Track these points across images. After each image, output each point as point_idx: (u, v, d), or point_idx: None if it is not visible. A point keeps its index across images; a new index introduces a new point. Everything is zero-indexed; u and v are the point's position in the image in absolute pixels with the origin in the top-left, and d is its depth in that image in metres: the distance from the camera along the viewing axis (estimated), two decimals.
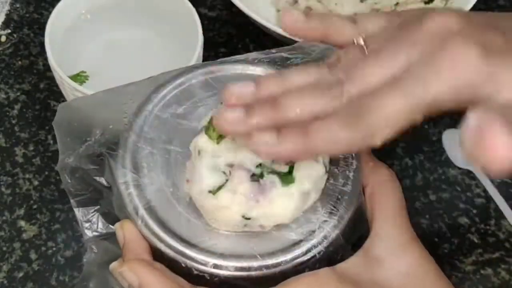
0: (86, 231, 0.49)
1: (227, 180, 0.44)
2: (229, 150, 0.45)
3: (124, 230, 0.45)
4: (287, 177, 0.44)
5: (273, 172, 0.44)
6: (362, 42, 0.43)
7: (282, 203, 0.44)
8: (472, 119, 0.37)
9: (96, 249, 0.48)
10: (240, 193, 0.43)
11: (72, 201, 0.49)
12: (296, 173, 0.44)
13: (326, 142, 0.40)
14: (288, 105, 0.41)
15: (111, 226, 0.48)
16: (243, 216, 0.43)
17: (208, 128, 0.45)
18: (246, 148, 0.43)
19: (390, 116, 0.39)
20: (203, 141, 0.45)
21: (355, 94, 0.40)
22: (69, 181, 0.48)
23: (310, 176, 0.44)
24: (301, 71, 0.43)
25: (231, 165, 0.44)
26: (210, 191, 0.44)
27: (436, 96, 0.39)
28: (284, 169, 0.44)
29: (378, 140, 0.40)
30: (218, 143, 0.45)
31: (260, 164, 0.44)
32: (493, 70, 0.39)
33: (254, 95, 0.42)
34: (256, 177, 0.44)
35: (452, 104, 0.39)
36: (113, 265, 0.44)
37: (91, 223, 0.49)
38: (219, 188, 0.44)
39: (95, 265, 0.47)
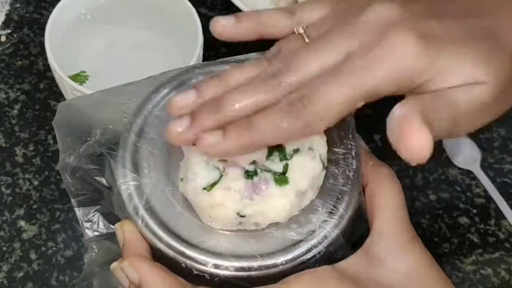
0: (86, 231, 0.49)
1: (221, 176, 0.44)
2: None
3: (124, 231, 0.45)
4: (281, 178, 0.44)
5: (267, 170, 0.44)
6: (301, 31, 0.44)
7: (277, 201, 0.44)
8: (397, 111, 0.39)
9: (97, 249, 0.48)
10: (234, 190, 0.43)
11: (73, 200, 0.49)
12: (291, 172, 0.44)
13: (270, 134, 0.41)
14: (229, 102, 0.42)
15: (111, 226, 0.48)
16: (238, 214, 0.43)
17: None
18: None
19: (330, 104, 0.40)
20: None
21: (295, 83, 0.41)
22: (70, 181, 0.48)
23: (307, 175, 0.44)
24: (239, 68, 0.44)
25: (224, 161, 0.44)
26: (204, 188, 0.44)
27: (374, 84, 0.40)
28: (278, 167, 0.44)
29: (320, 128, 0.41)
30: None
31: (254, 162, 0.44)
32: (429, 59, 0.40)
33: (196, 102, 0.43)
34: (250, 175, 0.44)
35: (390, 90, 0.41)
36: (114, 265, 0.44)
37: (91, 223, 0.49)
38: (213, 184, 0.44)
39: (96, 265, 0.47)
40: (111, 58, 0.67)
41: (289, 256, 0.44)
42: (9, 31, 0.72)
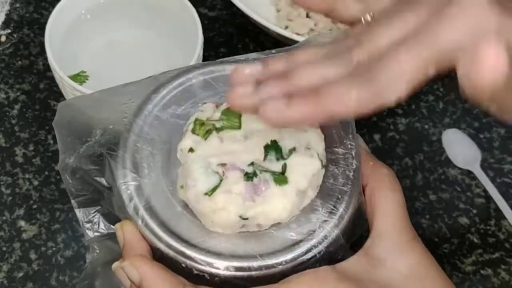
0: (87, 231, 0.49)
1: (221, 181, 0.44)
2: (219, 150, 0.45)
3: (124, 231, 0.45)
4: (280, 178, 0.44)
5: (266, 171, 0.44)
6: (369, 19, 0.43)
7: (278, 201, 0.44)
8: None
9: (99, 249, 0.48)
10: (235, 193, 0.43)
11: (73, 201, 0.49)
12: (290, 171, 0.44)
13: (338, 103, 0.39)
14: (298, 74, 0.41)
15: (112, 226, 0.48)
16: (240, 217, 0.43)
17: (195, 127, 0.45)
18: (239, 145, 0.43)
19: (401, 70, 0.39)
20: (188, 143, 0.45)
21: (366, 57, 0.40)
22: (70, 181, 0.48)
23: (306, 173, 0.44)
24: (309, 48, 0.43)
25: (223, 165, 0.44)
26: (205, 194, 0.44)
27: (448, 43, 0.39)
28: (277, 168, 0.44)
29: (390, 98, 0.39)
30: (206, 138, 0.45)
31: (252, 163, 0.44)
32: (502, 19, 0.39)
33: (263, 72, 0.42)
34: (250, 176, 0.44)
35: (459, 53, 0.39)
36: (116, 265, 0.44)
37: (92, 223, 0.49)
38: (214, 189, 0.44)
39: (98, 264, 0.47)
40: (111, 58, 0.67)
41: (289, 256, 0.44)
42: (9, 31, 0.72)
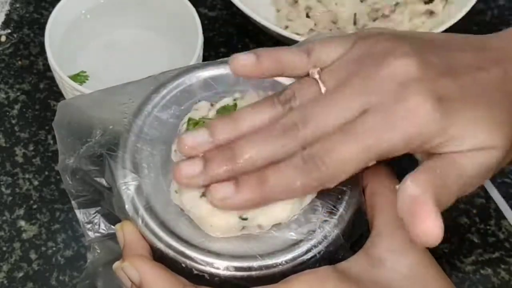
0: (88, 232, 0.49)
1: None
2: None
3: (124, 231, 0.45)
4: None
5: None
6: (316, 76, 0.43)
7: (280, 202, 0.44)
8: (409, 188, 0.40)
9: (100, 249, 0.48)
10: None
11: (73, 202, 0.49)
12: None
13: (283, 191, 0.42)
14: (243, 152, 0.42)
15: (112, 227, 0.48)
16: (240, 217, 0.43)
17: (188, 127, 0.46)
18: None
19: (344, 164, 0.41)
20: None
21: (310, 138, 0.41)
22: (70, 182, 0.48)
23: None
24: (253, 110, 0.44)
25: None
26: (202, 195, 0.43)
27: (388, 146, 0.41)
28: None
29: (332, 184, 0.42)
30: None
31: None
32: (445, 124, 0.41)
33: (208, 143, 0.43)
34: None
35: (402, 151, 0.41)
36: (116, 265, 0.44)
37: (92, 224, 0.49)
38: None
39: (100, 265, 0.47)
40: (111, 58, 0.67)
41: (289, 256, 0.44)
42: (9, 31, 0.72)
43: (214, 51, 0.71)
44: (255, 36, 0.72)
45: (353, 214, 0.46)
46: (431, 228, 0.39)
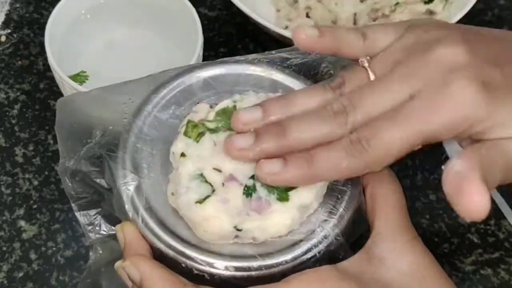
0: (89, 234, 0.49)
1: (213, 191, 0.44)
2: (213, 155, 0.45)
3: (125, 232, 0.45)
4: (282, 194, 0.44)
5: (268, 187, 0.44)
6: (366, 64, 0.45)
7: (277, 218, 0.44)
8: (456, 165, 0.40)
9: (101, 249, 0.48)
10: (231, 204, 0.43)
11: (73, 205, 0.49)
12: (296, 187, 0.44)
13: (329, 171, 0.42)
14: (293, 131, 0.43)
15: (113, 228, 0.48)
16: (234, 227, 0.43)
17: (187, 130, 0.45)
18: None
19: (390, 148, 0.42)
20: (180, 146, 0.45)
21: (358, 123, 0.42)
22: (70, 184, 0.48)
23: (311, 188, 0.44)
24: (306, 94, 0.45)
25: (218, 170, 0.44)
26: (197, 202, 0.43)
27: (434, 130, 0.41)
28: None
29: (378, 168, 0.43)
30: (198, 141, 0.45)
31: (253, 176, 0.44)
32: (489, 110, 0.41)
33: (261, 120, 0.44)
34: (249, 192, 0.44)
35: (448, 136, 0.42)
36: (118, 264, 0.45)
37: (93, 225, 0.49)
38: (207, 197, 0.43)
39: (102, 264, 0.48)
40: (111, 58, 0.67)
41: (289, 256, 0.44)
42: (9, 31, 0.72)
43: (214, 51, 0.71)
44: (255, 36, 0.72)
45: (353, 214, 0.46)
46: (479, 203, 0.39)
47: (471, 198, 0.39)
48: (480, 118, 0.41)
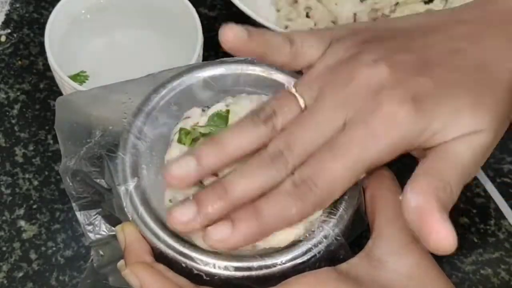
0: (89, 234, 0.49)
1: None
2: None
3: (125, 233, 0.45)
4: None
5: None
6: (293, 90, 0.44)
7: (284, 234, 0.44)
8: (412, 201, 0.39)
9: (103, 251, 0.48)
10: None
11: (74, 204, 0.49)
12: None
13: (280, 221, 0.41)
14: (233, 187, 0.41)
15: (113, 228, 0.48)
16: None
17: (180, 137, 0.46)
18: None
19: (336, 181, 0.41)
20: (175, 153, 0.45)
21: (298, 163, 0.42)
22: (71, 184, 0.48)
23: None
24: (237, 134, 0.43)
25: (216, 174, 0.44)
26: None
27: (376, 155, 0.41)
28: None
29: (328, 204, 0.43)
30: (193, 147, 0.45)
31: None
32: (426, 122, 0.41)
33: (196, 171, 0.42)
34: None
35: (391, 157, 0.42)
36: (121, 263, 0.45)
37: (93, 226, 0.49)
38: None
39: (106, 265, 0.48)
40: (111, 58, 0.67)
41: (289, 255, 0.44)
42: (9, 31, 0.72)
43: (214, 51, 0.71)
44: None
45: (353, 214, 0.46)
46: (444, 237, 0.38)
47: (436, 236, 0.38)
48: (418, 133, 0.41)
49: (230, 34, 0.44)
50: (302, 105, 0.43)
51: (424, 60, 0.43)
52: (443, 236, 0.38)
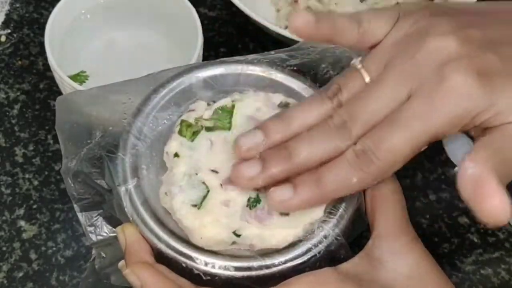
0: (90, 235, 0.49)
1: (208, 191, 0.44)
2: (209, 154, 0.44)
3: (126, 233, 0.45)
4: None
5: None
6: (359, 66, 0.44)
7: (283, 233, 0.44)
8: (469, 169, 0.39)
9: (104, 253, 0.48)
10: (231, 211, 0.43)
11: (75, 206, 0.49)
12: None
13: (340, 189, 0.42)
14: (298, 152, 0.42)
15: (114, 229, 0.48)
16: (233, 232, 0.43)
17: (181, 129, 0.45)
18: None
19: (397, 153, 0.41)
20: (175, 145, 0.45)
21: (361, 134, 0.42)
22: (72, 185, 0.48)
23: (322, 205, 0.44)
24: (304, 109, 0.44)
25: (215, 171, 0.44)
26: (194, 205, 0.43)
27: (437, 128, 0.41)
28: None
29: (387, 176, 0.43)
30: (193, 140, 0.45)
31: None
32: (490, 99, 0.40)
33: (263, 143, 0.43)
34: (254, 202, 0.44)
35: (453, 131, 0.41)
36: (122, 263, 0.45)
37: (95, 227, 0.49)
38: (203, 200, 0.43)
39: (108, 266, 0.48)
40: (111, 58, 0.67)
41: (289, 255, 0.44)
42: (9, 31, 0.72)
43: (214, 51, 0.71)
44: (255, 36, 0.72)
45: (353, 214, 0.46)
46: (499, 207, 0.38)
47: (490, 204, 0.38)
48: (482, 108, 0.40)
49: (300, 21, 0.44)
50: (367, 80, 0.43)
51: (492, 37, 0.43)
52: (498, 203, 0.38)
